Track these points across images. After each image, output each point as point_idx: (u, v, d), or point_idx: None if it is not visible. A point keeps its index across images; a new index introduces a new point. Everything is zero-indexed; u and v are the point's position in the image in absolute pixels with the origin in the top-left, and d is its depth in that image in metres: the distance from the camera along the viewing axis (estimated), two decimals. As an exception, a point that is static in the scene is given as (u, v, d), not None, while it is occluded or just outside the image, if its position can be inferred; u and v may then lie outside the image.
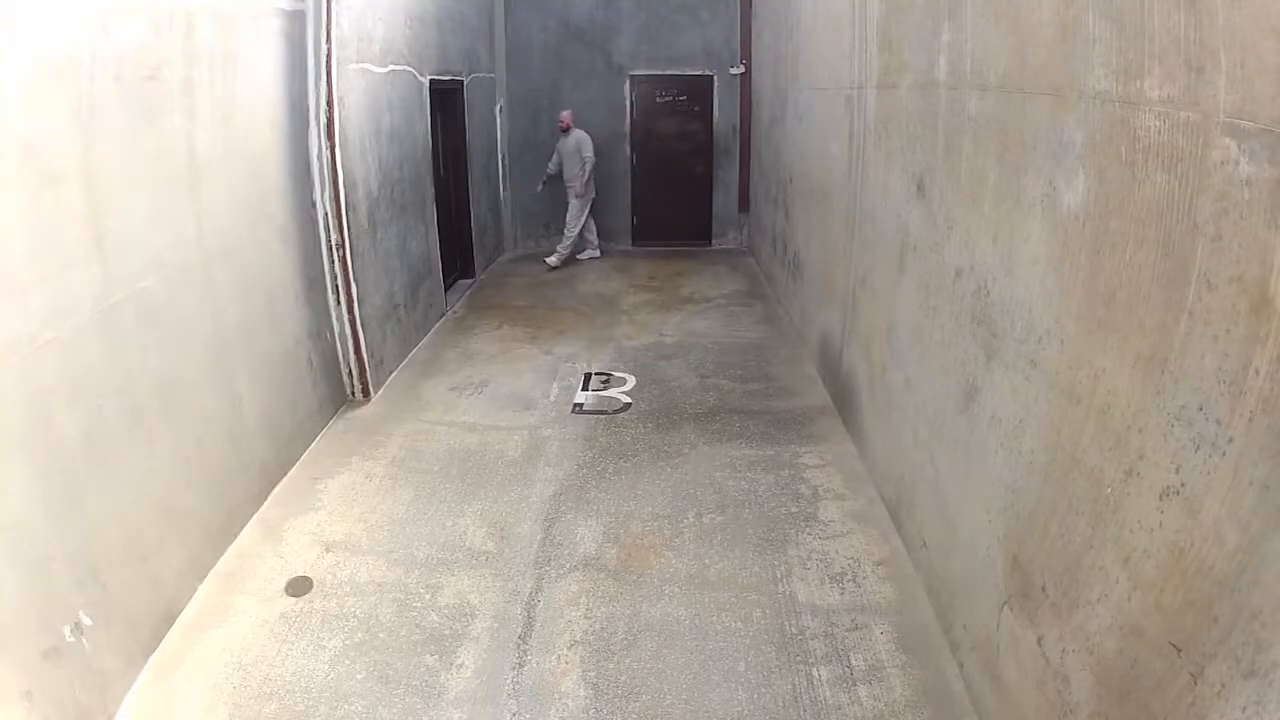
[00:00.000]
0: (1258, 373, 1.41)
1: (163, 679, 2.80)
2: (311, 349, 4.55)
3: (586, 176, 8.54)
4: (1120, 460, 1.82)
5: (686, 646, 2.95)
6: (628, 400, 5.17)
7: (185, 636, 3.00)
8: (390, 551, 3.55)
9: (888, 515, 3.72)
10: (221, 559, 3.45)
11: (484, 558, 3.51)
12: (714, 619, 3.09)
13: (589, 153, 8.44)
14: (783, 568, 3.39)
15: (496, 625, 3.09)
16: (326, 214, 4.67)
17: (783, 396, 5.21)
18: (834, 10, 4.87)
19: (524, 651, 2.95)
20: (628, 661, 2.89)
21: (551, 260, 8.49)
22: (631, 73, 9.25)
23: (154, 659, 2.87)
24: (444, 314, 6.96)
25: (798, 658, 2.88)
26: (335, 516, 3.82)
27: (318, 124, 4.55)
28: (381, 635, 3.03)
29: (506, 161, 9.32)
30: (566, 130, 8.46)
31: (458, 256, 7.85)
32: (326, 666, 2.87)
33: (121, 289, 2.83)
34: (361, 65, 5.03)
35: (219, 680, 2.80)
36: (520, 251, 9.63)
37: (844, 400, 4.71)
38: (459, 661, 2.90)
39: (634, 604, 3.19)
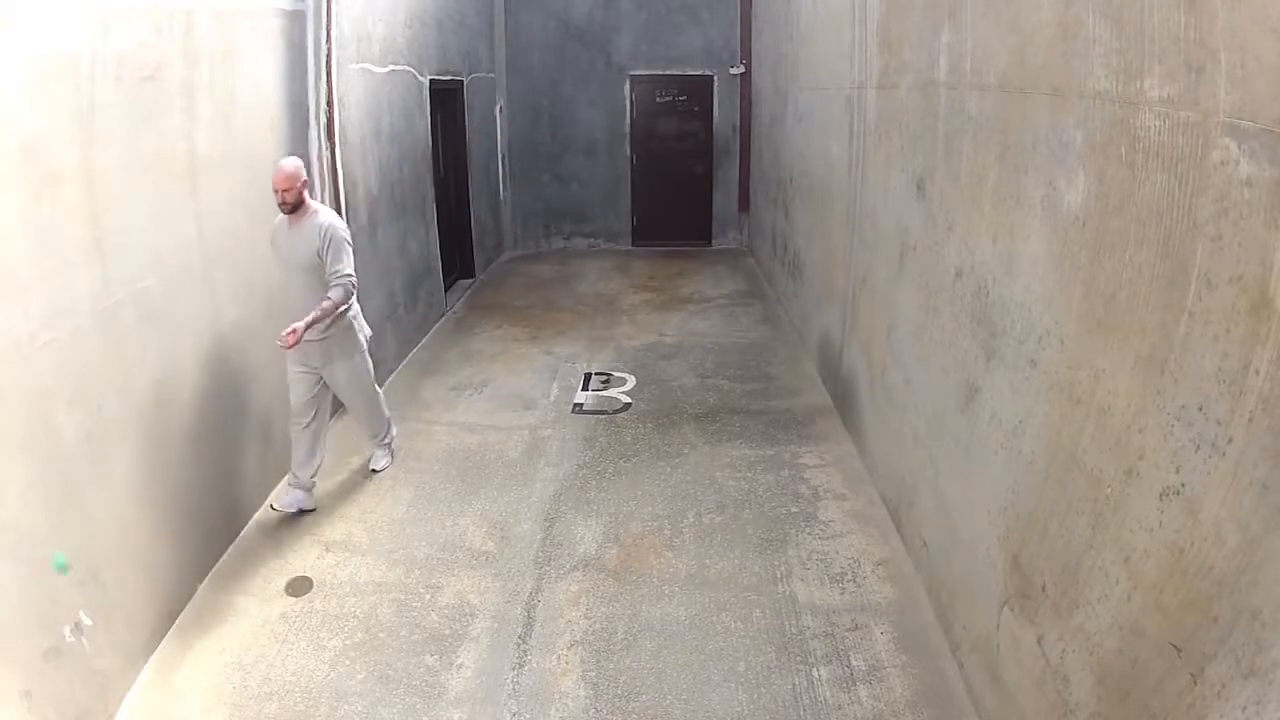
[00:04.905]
0: (1258, 373, 1.41)
1: (163, 679, 2.80)
2: (311, 349, 4.54)
3: (347, 306, 3.74)
4: (1120, 460, 1.82)
5: (686, 646, 2.95)
6: (628, 400, 5.17)
7: (185, 636, 3.00)
8: (390, 551, 3.55)
9: (888, 515, 3.72)
10: (221, 559, 3.45)
11: (484, 558, 3.51)
12: (714, 619, 3.09)
13: (349, 267, 3.65)
14: (783, 568, 3.39)
15: (496, 625, 3.09)
16: (326, 214, 4.66)
17: (783, 396, 5.21)
18: (834, 10, 4.87)
19: (524, 651, 2.95)
20: (628, 661, 2.89)
21: (380, 465, 4.27)
22: (631, 73, 9.25)
23: (154, 659, 2.88)
24: (444, 314, 6.96)
25: (798, 658, 2.88)
26: (335, 516, 3.82)
27: (318, 124, 4.54)
28: (381, 635, 3.03)
29: (506, 161, 9.32)
30: (295, 207, 3.56)
31: (458, 256, 7.86)
32: (326, 666, 2.87)
33: (121, 289, 2.82)
34: (361, 65, 5.03)
35: (219, 680, 2.80)
36: (520, 251, 9.63)
37: (844, 400, 4.71)
38: (459, 661, 2.90)
39: (634, 604, 3.19)
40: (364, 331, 3.94)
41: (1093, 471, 1.94)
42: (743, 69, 9.06)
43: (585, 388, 5.39)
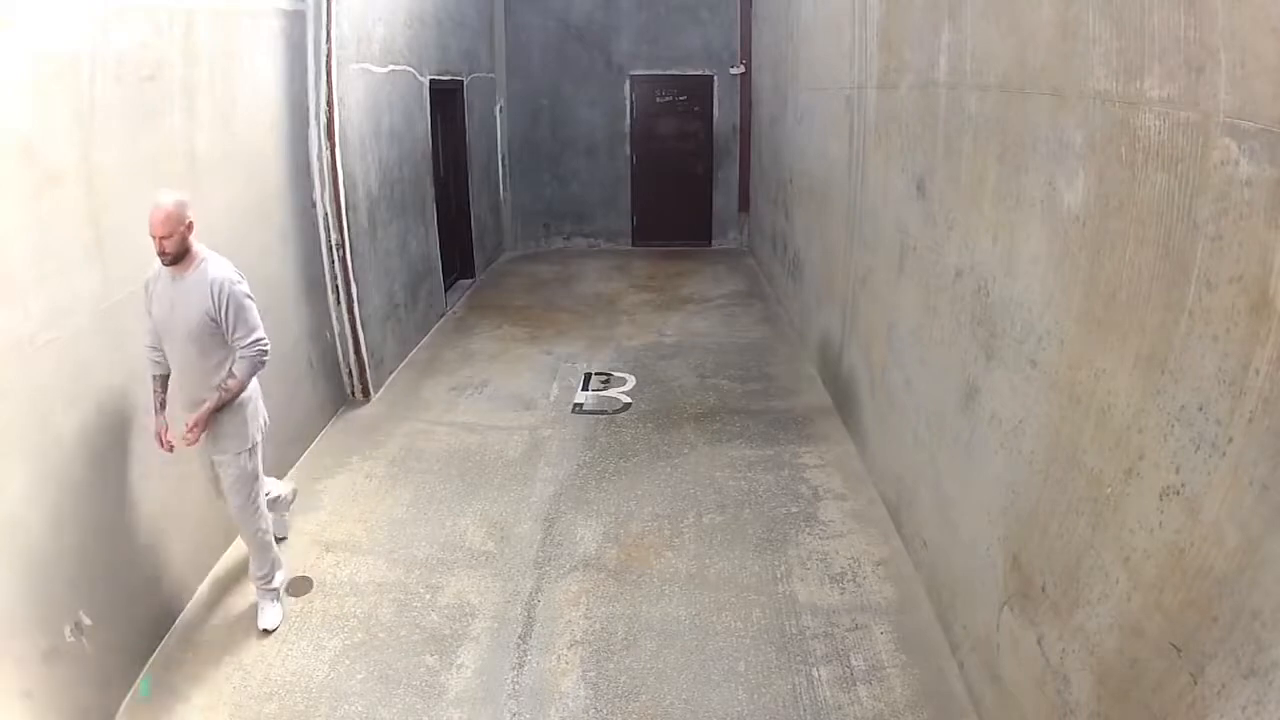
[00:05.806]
0: (1258, 373, 1.41)
1: (163, 679, 2.80)
2: (311, 349, 4.54)
3: (250, 374, 2.88)
4: (1120, 460, 1.82)
5: (686, 646, 2.95)
6: (628, 400, 5.17)
7: (185, 636, 3.00)
8: (390, 551, 3.55)
9: (888, 515, 3.72)
10: (221, 559, 3.45)
11: (484, 558, 3.51)
12: (714, 619, 3.09)
13: (258, 332, 2.83)
14: (783, 568, 3.39)
15: (496, 625, 3.09)
16: (326, 214, 4.66)
17: (783, 396, 5.21)
18: (834, 10, 4.87)
19: (524, 651, 2.95)
20: (628, 661, 2.89)
21: (269, 622, 3.04)
22: (631, 73, 9.25)
23: (154, 659, 2.88)
24: (444, 314, 6.96)
25: (798, 658, 2.88)
26: (335, 517, 3.82)
27: (318, 124, 4.55)
28: (381, 635, 3.03)
29: (507, 161, 9.33)
30: (178, 258, 2.67)
31: (458, 256, 7.86)
32: (326, 666, 2.87)
33: (121, 289, 2.82)
34: (361, 65, 5.03)
35: (219, 680, 2.80)
36: (520, 251, 9.63)
37: (844, 400, 4.71)
38: (459, 661, 2.90)
39: (634, 604, 3.19)
40: (262, 417, 3.04)
41: (1093, 471, 1.94)
42: (743, 69, 9.06)
43: (585, 388, 5.39)
